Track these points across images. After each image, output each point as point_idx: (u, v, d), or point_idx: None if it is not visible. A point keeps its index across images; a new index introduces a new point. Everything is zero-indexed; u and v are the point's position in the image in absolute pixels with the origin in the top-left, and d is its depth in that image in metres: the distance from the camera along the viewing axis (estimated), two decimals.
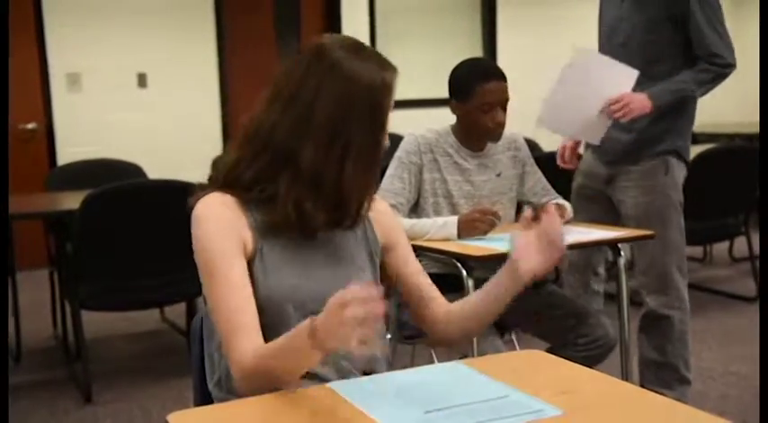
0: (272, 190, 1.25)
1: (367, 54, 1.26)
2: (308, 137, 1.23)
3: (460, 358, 1.33)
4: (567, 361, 1.26)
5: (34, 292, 4.11)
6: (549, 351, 1.96)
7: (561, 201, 2.37)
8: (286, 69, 1.28)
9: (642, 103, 2.43)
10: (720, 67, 2.50)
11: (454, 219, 2.16)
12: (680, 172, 2.61)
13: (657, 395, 1.08)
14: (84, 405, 2.92)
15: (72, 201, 3.02)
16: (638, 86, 2.46)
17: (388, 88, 1.25)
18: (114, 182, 3.04)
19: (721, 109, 7.40)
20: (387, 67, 1.26)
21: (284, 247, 1.28)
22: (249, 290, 1.23)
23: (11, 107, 5.19)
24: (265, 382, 1.13)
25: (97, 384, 3.04)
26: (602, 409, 1.03)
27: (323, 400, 1.08)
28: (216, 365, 1.32)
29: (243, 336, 1.19)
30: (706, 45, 2.48)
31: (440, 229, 2.15)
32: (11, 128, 5.20)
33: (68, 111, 5.32)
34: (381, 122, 1.26)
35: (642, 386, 2.45)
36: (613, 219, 2.63)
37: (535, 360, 1.27)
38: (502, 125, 2.22)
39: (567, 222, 2.31)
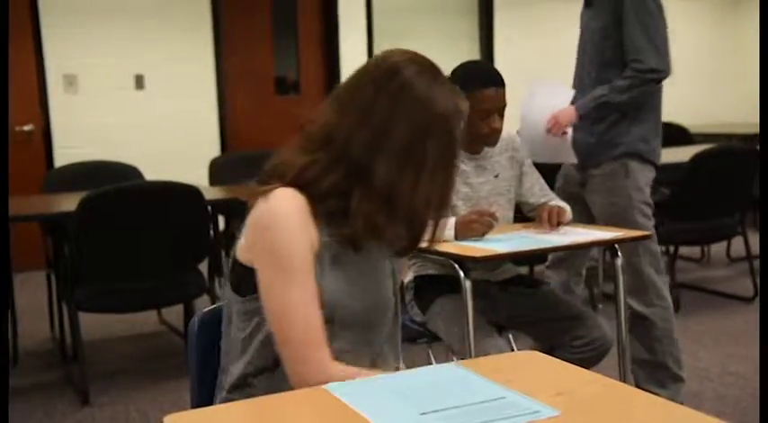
0: (343, 203, 1.25)
1: (441, 79, 1.28)
2: (383, 154, 1.23)
3: (458, 359, 1.32)
4: (563, 362, 1.26)
5: (31, 293, 4.10)
6: (546, 352, 1.95)
7: (561, 203, 2.37)
8: (356, 81, 1.28)
9: (569, 114, 2.57)
10: (639, 73, 2.58)
11: (452, 220, 2.15)
12: (643, 174, 2.68)
13: (654, 396, 1.07)
14: (82, 407, 2.92)
15: (69, 203, 3.02)
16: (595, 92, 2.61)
17: (462, 115, 1.27)
18: (111, 183, 3.03)
19: (718, 109, 7.42)
20: (458, 93, 1.28)
21: (334, 258, 1.28)
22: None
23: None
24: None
25: (94, 386, 3.03)
26: (599, 411, 1.03)
27: (318, 402, 1.08)
28: (238, 366, 1.31)
29: (324, 349, 1.21)
30: (630, 49, 2.57)
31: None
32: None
33: (65, 112, 5.32)
34: (454, 147, 1.28)
35: (637, 386, 2.46)
36: (588, 220, 2.69)
37: (532, 361, 1.27)
38: (498, 131, 2.22)
39: (567, 224, 2.31)
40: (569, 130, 2.58)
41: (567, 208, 2.37)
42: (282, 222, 1.21)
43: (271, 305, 1.23)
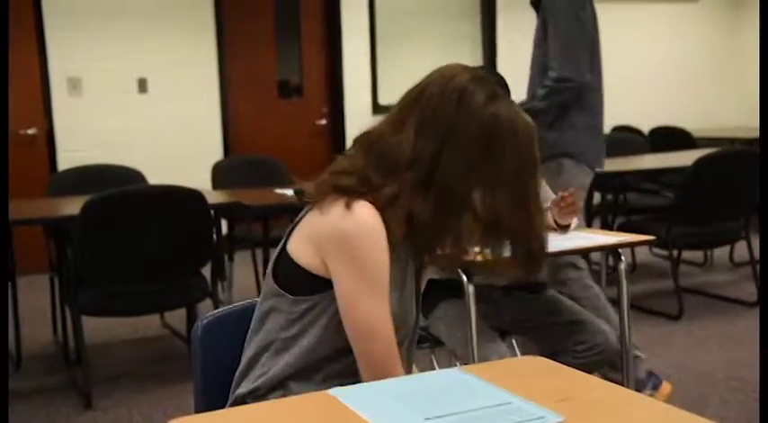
0: (431, 232, 1.27)
1: (515, 106, 1.30)
2: (483, 183, 1.25)
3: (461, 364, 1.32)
4: (567, 367, 1.26)
5: (35, 297, 4.11)
6: (548, 357, 1.95)
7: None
8: (429, 102, 1.26)
9: None
10: (553, 81, 2.68)
11: None
12: (578, 177, 2.78)
13: (659, 402, 1.07)
14: (85, 411, 2.92)
15: (72, 206, 3.02)
16: (534, 98, 2.74)
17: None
18: (115, 187, 3.04)
19: (721, 113, 7.41)
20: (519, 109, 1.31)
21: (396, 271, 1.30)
22: None
23: (12, 112, 5.20)
24: None
25: (97, 390, 3.04)
26: (603, 416, 1.03)
27: (323, 406, 1.08)
28: (260, 376, 1.32)
29: (400, 365, 1.27)
30: (548, 58, 2.69)
31: None
32: (12, 133, 5.20)
33: (69, 116, 5.33)
34: (537, 163, 1.30)
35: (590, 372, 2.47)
36: None
37: (535, 366, 1.27)
38: None
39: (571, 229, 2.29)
40: None
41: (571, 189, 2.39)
42: (373, 239, 1.23)
43: (355, 317, 1.25)
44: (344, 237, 1.23)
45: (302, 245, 1.29)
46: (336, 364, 1.31)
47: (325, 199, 1.27)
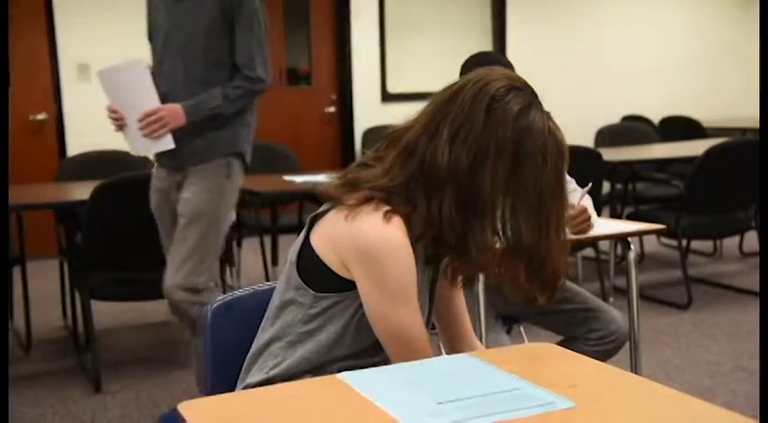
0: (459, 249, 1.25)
1: (551, 121, 1.24)
2: (507, 198, 1.21)
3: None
4: (576, 353, 1.25)
5: (44, 281, 4.13)
6: (560, 344, 1.95)
7: (579, 196, 2.29)
8: (462, 107, 1.21)
9: (177, 117, 2.50)
10: (251, 82, 2.53)
11: None
12: (240, 176, 2.65)
13: (670, 389, 1.07)
14: (94, 394, 2.94)
15: (82, 191, 3.03)
16: (196, 92, 2.50)
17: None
18: (124, 173, 3.04)
19: (732, 103, 7.36)
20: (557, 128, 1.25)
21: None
22: None
23: (21, 98, 5.20)
24: None
25: (106, 374, 3.05)
26: (614, 402, 1.03)
27: (333, 391, 1.08)
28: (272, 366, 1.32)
29: None
30: (242, 56, 2.50)
31: None
32: (21, 119, 5.22)
33: (78, 101, 5.33)
34: (561, 198, 1.25)
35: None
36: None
37: (545, 352, 1.27)
38: None
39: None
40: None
41: (585, 201, 2.30)
42: (399, 257, 1.21)
43: (385, 328, 1.26)
44: (370, 249, 1.21)
45: (326, 243, 1.27)
46: (353, 361, 1.30)
47: (354, 202, 1.23)
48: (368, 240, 1.20)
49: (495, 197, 1.21)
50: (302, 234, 1.32)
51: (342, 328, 1.29)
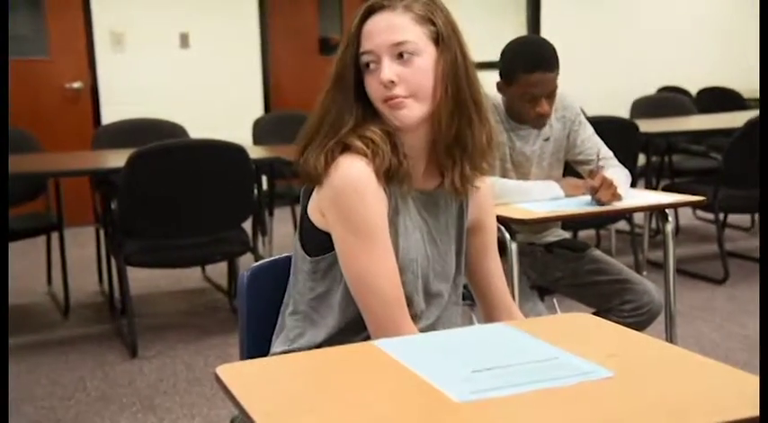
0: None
1: None
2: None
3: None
4: (613, 323, 1.24)
5: (81, 248, 4.20)
6: (594, 315, 1.94)
7: (613, 173, 2.24)
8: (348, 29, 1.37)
9: None
10: None
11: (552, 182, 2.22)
12: None
13: (709, 360, 1.06)
14: (131, 359, 2.99)
15: (117, 159, 3.06)
16: None
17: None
18: (158, 141, 3.07)
19: None
20: None
21: (406, 217, 1.29)
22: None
23: (58, 67, 5.27)
24: None
25: (142, 339, 3.11)
26: (653, 372, 1.02)
27: (370, 357, 1.08)
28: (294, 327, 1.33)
29: (404, 316, 1.25)
30: None
31: (544, 190, 2.20)
32: (58, 87, 5.29)
33: (112, 70, 5.37)
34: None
35: None
36: None
37: (581, 323, 1.26)
38: (546, 116, 2.15)
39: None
40: None
41: (623, 176, 2.26)
42: (363, 198, 1.22)
43: (350, 272, 1.25)
44: (335, 189, 1.23)
45: (315, 207, 1.29)
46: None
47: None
48: (332, 182, 1.23)
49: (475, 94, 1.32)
50: (301, 204, 1.34)
51: (347, 287, 1.28)
